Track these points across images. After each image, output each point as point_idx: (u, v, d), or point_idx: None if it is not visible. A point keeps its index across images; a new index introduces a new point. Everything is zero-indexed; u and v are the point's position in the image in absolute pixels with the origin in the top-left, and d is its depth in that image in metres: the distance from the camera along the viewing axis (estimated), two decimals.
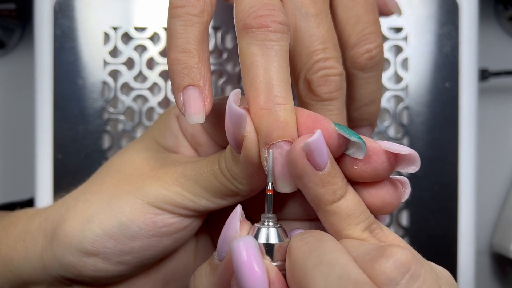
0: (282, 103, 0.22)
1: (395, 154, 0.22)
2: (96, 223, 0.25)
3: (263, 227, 0.22)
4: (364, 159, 0.22)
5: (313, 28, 0.25)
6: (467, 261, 0.38)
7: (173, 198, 0.25)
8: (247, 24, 0.22)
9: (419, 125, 0.38)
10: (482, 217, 0.53)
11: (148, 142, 0.28)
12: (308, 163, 0.21)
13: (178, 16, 0.23)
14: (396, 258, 0.19)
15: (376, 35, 0.27)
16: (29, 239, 0.27)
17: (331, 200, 0.22)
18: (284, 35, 0.22)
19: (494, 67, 0.51)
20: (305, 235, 0.22)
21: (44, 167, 0.38)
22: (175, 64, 0.23)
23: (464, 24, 0.38)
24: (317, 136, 0.21)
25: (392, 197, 0.23)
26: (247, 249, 0.20)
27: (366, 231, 0.22)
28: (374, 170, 0.22)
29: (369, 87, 0.28)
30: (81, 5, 0.38)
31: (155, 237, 0.25)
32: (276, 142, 0.22)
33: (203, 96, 0.23)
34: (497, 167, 0.54)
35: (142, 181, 0.25)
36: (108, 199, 0.25)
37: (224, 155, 0.24)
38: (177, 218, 0.25)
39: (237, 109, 0.21)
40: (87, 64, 0.38)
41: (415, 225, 0.39)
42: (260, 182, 0.24)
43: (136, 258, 0.26)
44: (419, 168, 0.23)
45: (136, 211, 0.25)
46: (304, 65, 0.25)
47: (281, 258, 0.22)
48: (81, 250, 0.25)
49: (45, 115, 0.38)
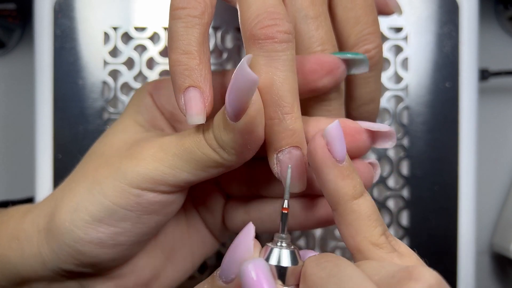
0: (290, 113, 0.23)
1: (373, 132, 0.25)
2: (83, 211, 0.25)
3: (276, 248, 0.21)
4: (347, 139, 0.24)
5: (312, 30, 0.26)
6: (467, 261, 0.38)
7: (151, 175, 0.24)
8: (253, 36, 0.23)
9: (419, 125, 0.38)
10: (482, 217, 0.53)
11: (125, 122, 0.28)
12: (328, 153, 0.22)
13: (179, 17, 0.23)
14: (425, 281, 0.18)
15: (375, 36, 0.27)
16: (23, 237, 0.27)
17: (351, 194, 0.22)
18: (290, 44, 0.23)
19: (494, 67, 0.51)
20: (321, 260, 0.21)
21: (44, 167, 0.38)
22: (176, 65, 0.23)
23: (464, 24, 0.38)
24: (336, 124, 0.22)
25: (365, 178, 0.25)
26: (258, 273, 0.19)
27: (383, 236, 0.22)
28: (358, 148, 0.24)
29: (368, 87, 0.29)
30: (81, 5, 0.38)
31: (144, 215, 0.25)
32: (285, 148, 0.23)
33: (204, 97, 0.23)
34: (497, 167, 0.54)
35: (120, 161, 0.25)
36: (90, 185, 0.25)
37: (213, 123, 0.23)
38: (161, 196, 0.25)
39: (251, 73, 0.20)
40: (87, 64, 0.38)
41: (415, 225, 0.39)
42: (249, 152, 0.24)
43: (131, 236, 0.26)
44: (394, 144, 0.25)
45: (118, 195, 0.25)
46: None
47: (294, 283, 0.21)
48: (76, 239, 0.25)
49: (45, 115, 0.38)
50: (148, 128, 0.28)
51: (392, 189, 0.39)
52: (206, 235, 0.31)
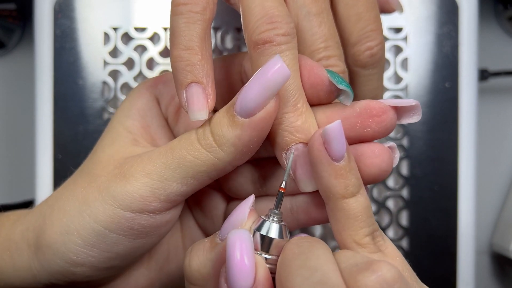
0: (292, 111, 0.23)
1: (397, 108, 0.24)
2: (75, 234, 0.24)
3: (268, 221, 0.23)
4: (376, 120, 0.23)
5: (315, 27, 0.25)
6: (467, 261, 0.38)
7: (140, 193, 0.23)
8: (253, 42, 0.23)
9: (419, 125, 0.38)
10: (482, 217, 0.53)
11: (114, 132, 0.27)
12: (323, 150, 0.22)
13: (181, 13, 0.23)
14: (380, 274, 0.19)
15: (377, 33, 0.27)
16: (14, 248, 0.26)
17: (341, 194, 0.22)
18: (289, 44, 0.23)
19: (494, 67, 0.51)
20: (302, 240, 0.22)
21: (44, 167, 0.38)
22: (178, 61, 0.23)
23: (464, 24, 0.38)
24: (336, 125, 0.21)
25: (387, 164, 0.24)
26: (241, 241, 0.21)
27: (368, 237, 0.22)
28: (385, 128, 0.23)
29: (370, 84, 0.29)
30: (81, 5, 0.38)
31: (137, 239, 0.25)
32: (292, 146, 0.23)
33: (206, 93, 0.23)
34: (497, 167, 0.54)
35: (108, 181, 0.24)
36: (80, 206, 0.24)
37: (212, 121, 0.23)
38: (153, 219, 0.24)
39: (285, 68, 0.21)
40: (87, 64, 0.38)
41: (415, 225, 0.39)
42: (248, 153, 0.23)
43: (124, 261, 0.26)
44: (420, 117, 0.24)
45: (108, 219, 0.24)
46: None
47: (277, 254, 0.22)
48: (67, 261, 0.25)
49: (45, 115, 0.38)
50: (138, 134, 0.27)
51: (391, 189, 0.39)
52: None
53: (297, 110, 0.23)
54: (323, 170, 0.22)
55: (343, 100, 0.24)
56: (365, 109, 0.23)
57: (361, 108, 0.23)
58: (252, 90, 0.21)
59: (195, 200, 0.29)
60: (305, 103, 0.23)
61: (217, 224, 0.29)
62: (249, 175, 0.27)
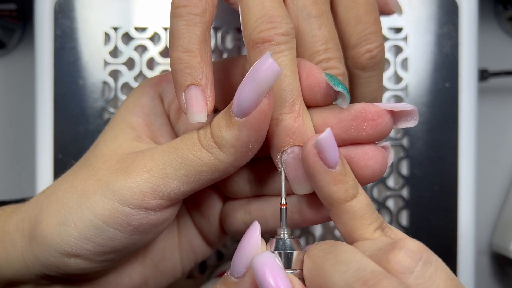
0: (289, 112, 0.23)
1: (394, 112, 0.24)
2: (71, 226, 0.24)
3: (280, 240, 0.23)
4: (371, 124, 0.23)
5: (315, 29, 0.25)
6: (467, 261, 0.39)
7: (141, 188, 0.23)
8: (252, 40, 0.23)
9: (419, 125, 0.38)
10: (482, 217, 0.53)
11: (117, 127, 0.27)
12: (319, 160, 0.22)
13: (181, 15, 0.23)
14: (407, 248, 0.20)
15: (376, 35, 0.27)
16: (8, 240, 0.26)
17: (343, 198, 0.22)
18: (288, 44, 0.23)
19: (494, 67, 0.51)
20: (319, 245, 0.23)
21: (44, 167, 0.38)
22: (177, 63, 0.23)
23: (464, 24, 0.38)
24: (327, 133, 0.22)
25: (381, 165, 0.24)
26: (269, 265, 0.21)
27: (377, 230, 0.23)
28: (381, 132, 0.24)
29: (370, 86, 0.29)
30: (81, 5, 0.38)
31: (134, 236, 0.25)
32: (288, 148, 0.23)
33: (205, 95, 0.23)
34: (497, 167, 0.54)
35: (109, 175, 0.24)
36: (78, 198, 0.24)
37: (212, 123, 0.23)
38: (151, 216, 0.24)
39: (274, 64, 0.21)
40: (87, 64, 0.38)
41: (415, 225, 0.39)
42: (248, 153, 0.23)
43: (119, 255, 0.26)
44: (417, 122, 0.24)
45: (107, 213, 0.24)
46: None
47: (299, 267, 0.23)
48: (61, 252, 0.25)
49: (46, 115, 0.38)
50: (141, 130, 0.27)
51: (391, 189, 0.39)
52: (199, 243, 0.30)
53: (294, 111, 0.23)
54: (321, 179, 0.22)
55: (340, 103, 0.24)
56: (361, 112, 0.23)
57: (356, 111, 0.23)
58: (245, 89, 0.22)
59: (192, 200, 0.29)
60: (302, 105, 0.23)
61: (213, 223, 0.30)
62: (246, 175, 0.28)
